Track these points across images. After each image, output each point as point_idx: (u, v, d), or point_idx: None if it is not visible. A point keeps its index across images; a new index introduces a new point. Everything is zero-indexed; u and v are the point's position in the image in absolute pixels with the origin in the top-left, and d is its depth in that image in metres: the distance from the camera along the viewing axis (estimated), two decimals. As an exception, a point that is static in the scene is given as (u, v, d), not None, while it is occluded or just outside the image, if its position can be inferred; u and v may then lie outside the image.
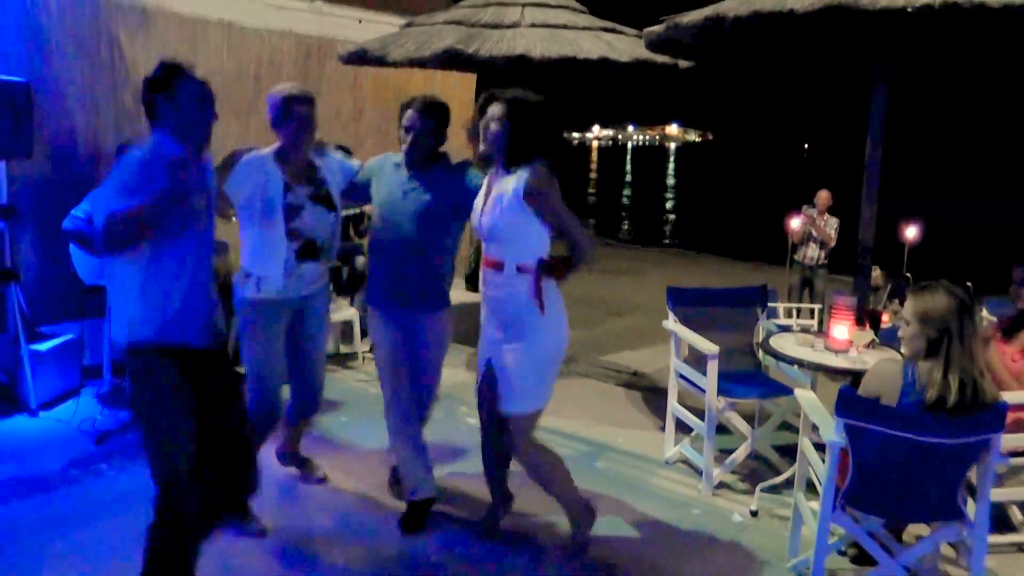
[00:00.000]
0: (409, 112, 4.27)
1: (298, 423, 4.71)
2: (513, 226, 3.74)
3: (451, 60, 6.97)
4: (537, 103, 3.85)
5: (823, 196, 9.50)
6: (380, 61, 7.33)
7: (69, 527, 4.27)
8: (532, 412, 3.95)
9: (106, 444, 5.30)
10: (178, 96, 3.26)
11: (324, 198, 4.22)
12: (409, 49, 7.04)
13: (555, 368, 3.99)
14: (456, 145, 4.37)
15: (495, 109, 3.81)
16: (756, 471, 5.27)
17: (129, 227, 2.98)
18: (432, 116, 4.27)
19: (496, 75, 6.88)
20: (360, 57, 7.52)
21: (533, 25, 6.98)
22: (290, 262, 4.12)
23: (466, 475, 5.00)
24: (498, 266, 3.82)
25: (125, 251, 3.06)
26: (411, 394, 4.39)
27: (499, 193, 3.78)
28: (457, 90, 10.31)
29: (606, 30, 7.23)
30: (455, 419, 5.86)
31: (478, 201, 3.96)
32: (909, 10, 4.27)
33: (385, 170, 4.41)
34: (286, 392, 4.48)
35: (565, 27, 7.03)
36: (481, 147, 3.90)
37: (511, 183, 3.74)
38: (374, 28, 8.80)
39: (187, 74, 3.30)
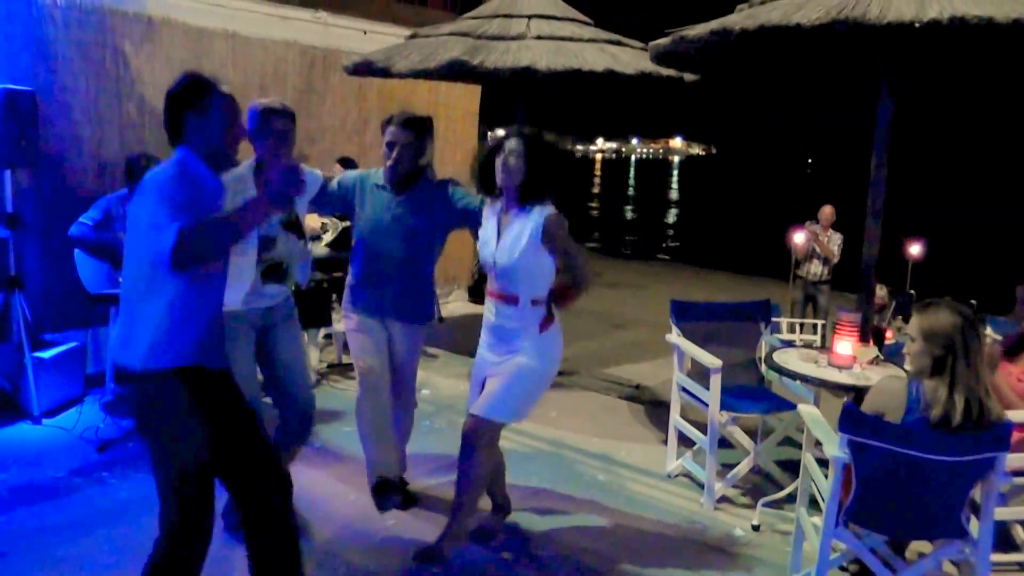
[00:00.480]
0: (391, 128, 4.32)
1: (291, 447, 4.44)
2: (531, 266, 3.90)
3: (456, 72, 6.99)
4: (552, 142, 3.99)
5: (826, 212, 9.49)
6: (385, 72, 7.35)
7: (71, 534, 4.26)
8: (503, 422, 4.09)
9: (108, 452, 5.29)
10: (209, 113, 3.16)
11: (295, 224, 4.19)
12: (414, 60, 7.05)
13: (540, 390, 4.12)
14: (455, 164, 4.42)
15: (514, 144, 3.89)
16: (758, 486, 5.25)
17: (216, 240, 2.92)
18: (413, 129, 4.33)
19: (501, 87, 6.90)
20: (365, 68, 7.53)
21: (539, 37, 6.99)
22: (256, 283, 4.07)
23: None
24: (512, 300, 3.96)
25: (194, 268, 2.93)
26: (391, 398, 4.53)
27: (516, 233, 3.90)
28: (462, 102, 10.34)
29: (611, 42, 7.24)
30: (456, 430, 5.81)
31: (487, 235, 4.05)
32: (917, 25, 4.27)
33: (366, 190, 4.45)
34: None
35: (570, 39, 7.04)
36: (498, 180, 3.94)
37: (528, 224, 3.87)
38: (379, 39, 8.82)
39: (217, 90, 3.21)
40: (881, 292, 8.47)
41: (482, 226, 4.12)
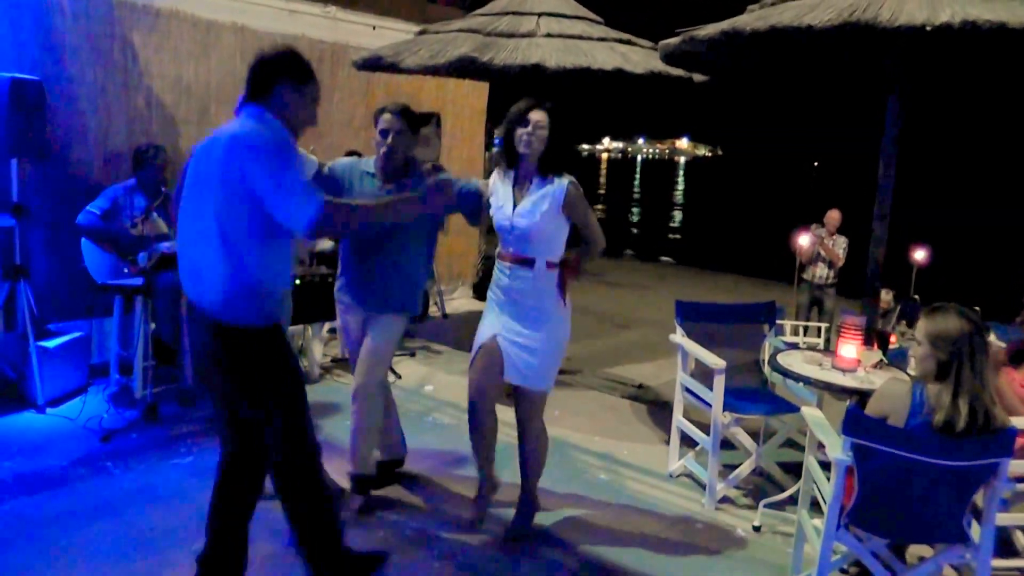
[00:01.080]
0: (384, 116, 4.41)
1: None
2: (549, 230, 4.07)
3: (465, 68, 6.99)
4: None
5: (833, 216, 9.42)
6: (394, 68, 7.35)
7: (74, 524, 4.26)
8: (549, 389, 4.30)
9: (112, 442, 5.30)
10: (306, 91, 3.29)
11: None
12: (423, 56, 7.06)
13: (562, 355, 4.33)
14: (461, 160, 4.43)
15: (540, 117, 4.03)
16: (760, 487, 5.25)
17: (355, 221, 3.23)
18: (407, 119, 4.42)
19: (509, 84, 6.90)
20: (374, 63, 7.54)
21: (548, 35, 6.99)
22: None
23: (469, 483, 5.00)
24: (527, 263, 4.10)
25: (323, 236, 3.24)
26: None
27: (536, 199, 4.04)
28: (469, 99, 10.34)
29: (621, 41, 7.24)
30: (461, 427, 5.84)
31: (501, 200, 4.16)
32: (928, 28, 4.26)
33: (356, 179, 4.50)
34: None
35: (580, 38, 7.04)
36: (520, 150, 4.05)
37: (549, 191, 4.03)
38: (388, 35, 8.82)
39: (314, 73, 3.35)
40: (886, 296, 8.46)
41: (493, 194, 4.23)
